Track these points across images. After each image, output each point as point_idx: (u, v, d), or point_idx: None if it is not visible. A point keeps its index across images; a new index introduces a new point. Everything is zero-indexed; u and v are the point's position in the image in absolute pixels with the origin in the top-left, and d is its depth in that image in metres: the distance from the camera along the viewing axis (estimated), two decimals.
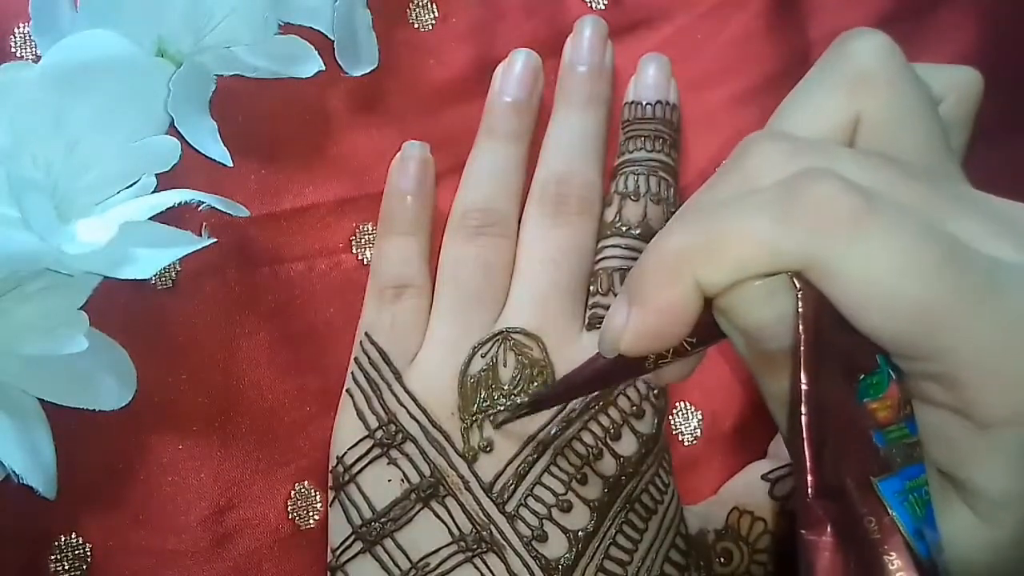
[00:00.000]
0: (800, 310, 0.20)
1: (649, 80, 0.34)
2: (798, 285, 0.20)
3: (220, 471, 0.30)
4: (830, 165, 0.20)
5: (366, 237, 0.32)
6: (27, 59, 0.31)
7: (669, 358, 0.23)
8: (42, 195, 0.25)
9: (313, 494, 0.30)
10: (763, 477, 0.32)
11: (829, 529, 0.20)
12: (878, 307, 0.19)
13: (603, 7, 0.35)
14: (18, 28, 0.31)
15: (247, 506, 0.30)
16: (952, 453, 0.21)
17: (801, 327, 0.20)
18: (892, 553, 0.20)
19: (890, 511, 0.21)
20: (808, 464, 0.20)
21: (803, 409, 0.20)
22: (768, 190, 0.21)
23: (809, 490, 0.20)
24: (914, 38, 0.37)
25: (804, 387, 0.20)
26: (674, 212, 0.32)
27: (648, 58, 0.34)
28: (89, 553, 0.28)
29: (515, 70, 0.33)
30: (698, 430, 0.33)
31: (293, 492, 0.30)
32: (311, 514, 0.30)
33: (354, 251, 0.32)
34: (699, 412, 0.33)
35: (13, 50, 0.31)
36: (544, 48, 0.34)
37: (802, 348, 0.20)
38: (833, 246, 0.19)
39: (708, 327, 0.22)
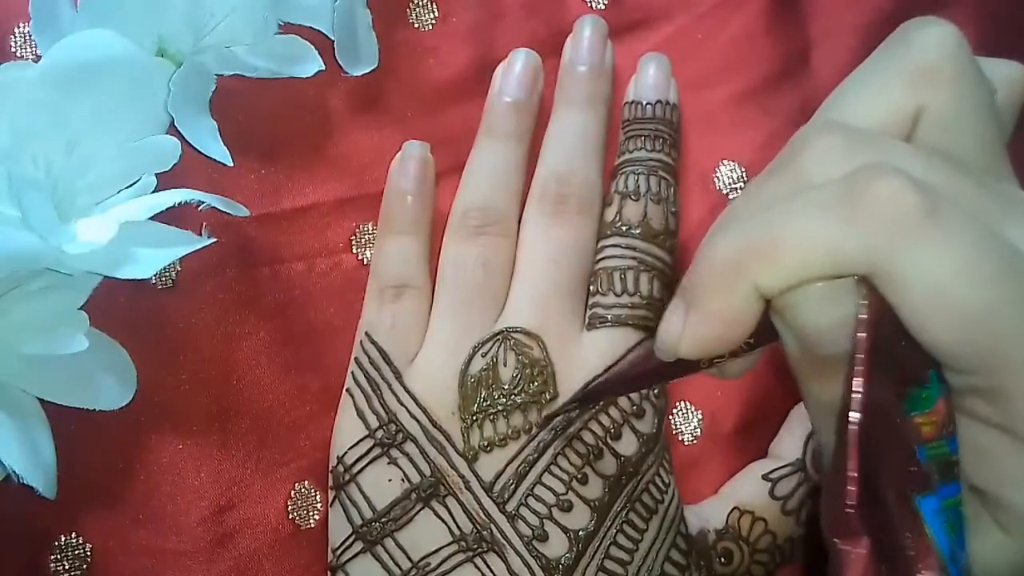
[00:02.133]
0: (863, 316, 0.20)
1: (649, 80, 0.33)
2: (863, 291, 0.20)
3: (220, 471, 0.30)
4: (889, 161, 0.20)
5: (366, 237, 0.32)
6: (27, 59, 0.31)
7: (725, 358, 0.23)
8: (42, 195, 0.25)
9: (313, 494, 0.30)
10: (764, 477, 0.32)
11: (865, 540, 0.20)
12: (939, 313, 0.19)
13: (603, 7, 0.35)
14: (18, 28, 0.31)
15: (247, 506, 0.30)
16: (990, 469, 0.21)
17: (863, 333, 0.20)
18: (927, 573, 0.20)
19: (927, 529, 0.20)
20: (853, 474, 0.20)
21: (853, 417, 0.20)
22: (827, 188, 0.20)
23: (849, 500, 0.20)
24: None
25: (858, 394, 0.20)
26: (674, 212, 0.32)
27: (648, 58, 0.34)
28: (89, 553, 0.28)
29: (515, 70, 0.33)
30: (698, 429, 0.33)
31: (293, 492, 0.30)
32: (311, 514, 0.30)
33: (354, 251, 0.32)
34: (699, 412, 0.33)
35: (13, 50, 0.31)
36: (544, 48, 0.34)
37: (860, 355, 0.20)
38: (898, 248, 0.19)
39: (766, 328, 0.22)
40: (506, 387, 0.29)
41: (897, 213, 0.19)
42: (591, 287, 0.31)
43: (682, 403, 0.33)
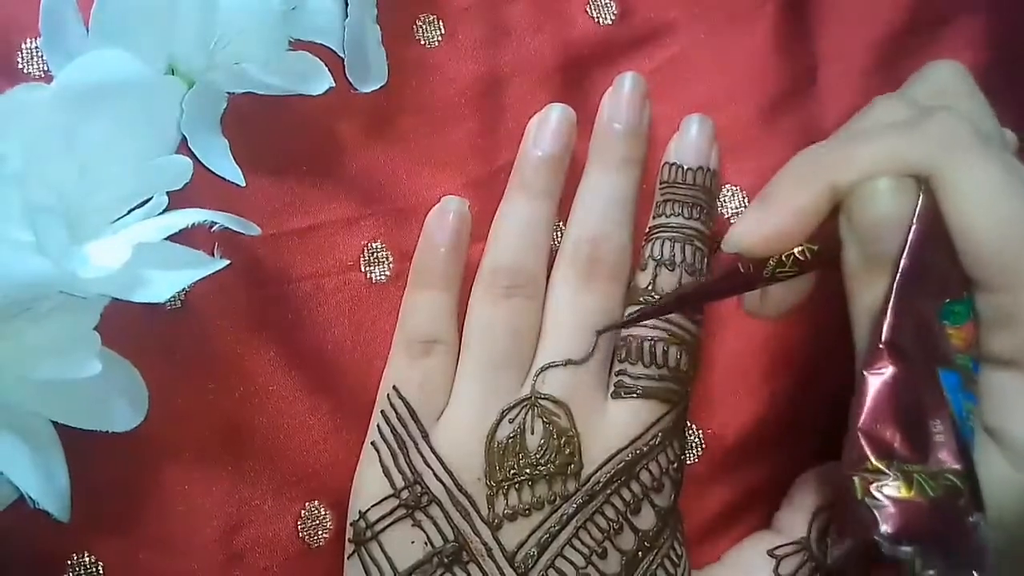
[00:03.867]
0: (921, 202, 0.24)
1: (691, 143, 0.33)
2: (922, 187, 0.24)
3: (231, 491, 0.30)
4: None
5: (375, 255, 0.32)
6: (34, 74, 0.31)
7: (788, 267, 0.27)
8: (55, 219, 0.25)
9: (323, 513, 0.30)
10: (769, 553, 0.31)
11: (890, 371, 0.24)
12: (979, 218, 0.24)
13: (611, 22, 0.35)
14: (25, 43, 0.31)
15: (257, 525, 0.30)
16: (1002, 408, 0.24)
17: (919, 211, 0.24)
18: (937, 421, 0.23)
19: (945, 392, 0.24)
20: (889, 317, 0.24)
21: (899, 273, 0.24)
22: (900, 120, 0.26)
23: (884, 334, 0.24)
24: (924, 52, 0.37)
25: (905, 262, 0.24)
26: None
27: (691, 119, 0.33)
28: (101, 572, 0.28)
29: (550, 124, 0.33)
30: (699, 447, 0.33)
31: (303, 511, 0.30)
32: (321, 533, 0.30)
33: (363, 269, 0.32)
34: (700, 430, 0.34)
35: (20, 65, 0.30)
36: (549, 64, 0.34)
37: (914, 226, 0.24)
38: (954, 159, 0.24)
39: (830, 240, 0.26)
40: (533, 456, 0.29)
41: (953, 134, 0.25)
42: (619, 353, 0.31)
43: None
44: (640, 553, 0.29)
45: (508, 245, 0.32)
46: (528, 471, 0.29)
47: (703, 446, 0.33)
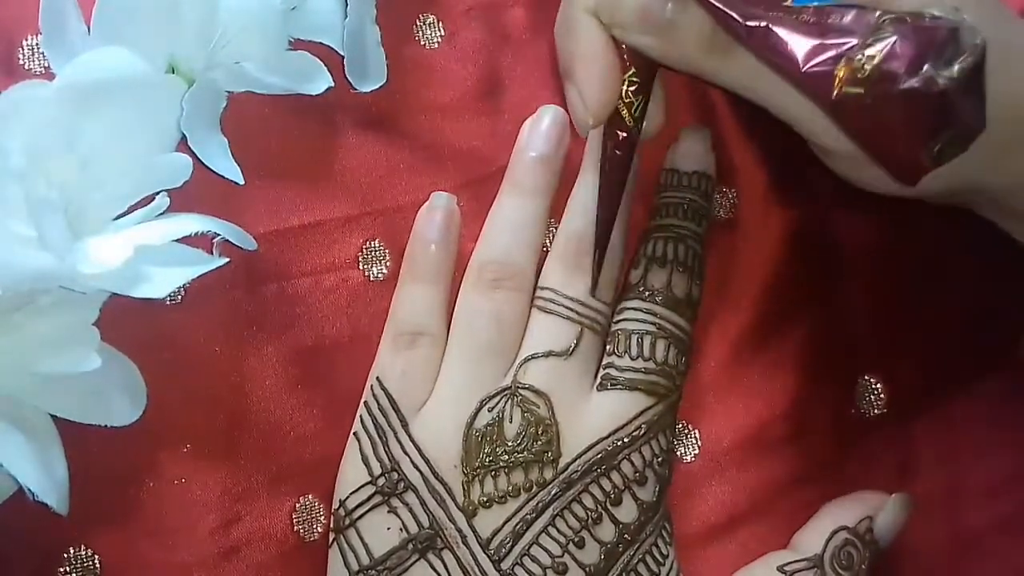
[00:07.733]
0: None
1: (688, 150, 0.34)
2: None
3: (227, 485, 0.30)
4: None
5: (373, 253, 0.32)
6: (35, 71, 0.31)
7: (635, 102, 0.29)
8: (57, 214, 0.25)
9: (317, 507, 0.31)
10: (779, 569, 0.31)
11: (765, 25, 0.24)
12: None
13: None
14: (26, 40, 0.31)
15: (253, 519, 0.30)
16: None
17: None
18: (834, 16, 0.24)
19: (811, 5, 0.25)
20: (723, 10, 0.25)
21: None
22: None
23: (736, 14, 0.25)
24: None
25: None
26: (699, 283, 0.33)
27: (689, 129, 0.34)
28: (98, 565, 0.29)
29: (542, 125, 0.33)
30: (696, 447, 0.34)
31: (298, 505, 0.31)
32: (315, 526, 0.31)
33: (361, 267, 0.32)
34: (696, 430, 0.34)
35: (21, 62, 0.31)
36: (549, 70, 0.35)
37: None
38: None
39: (637, 58, 0.29)
40: (510, 444, 0.29)
41: None
42: (607, 347, 0.32)
43: (680, 421, 0.34)
44: (621, 546, 0.30)
45: (498, 240, 0.32)
46: (504, 459, 0.29)
47: (699, 445, 0.34)
